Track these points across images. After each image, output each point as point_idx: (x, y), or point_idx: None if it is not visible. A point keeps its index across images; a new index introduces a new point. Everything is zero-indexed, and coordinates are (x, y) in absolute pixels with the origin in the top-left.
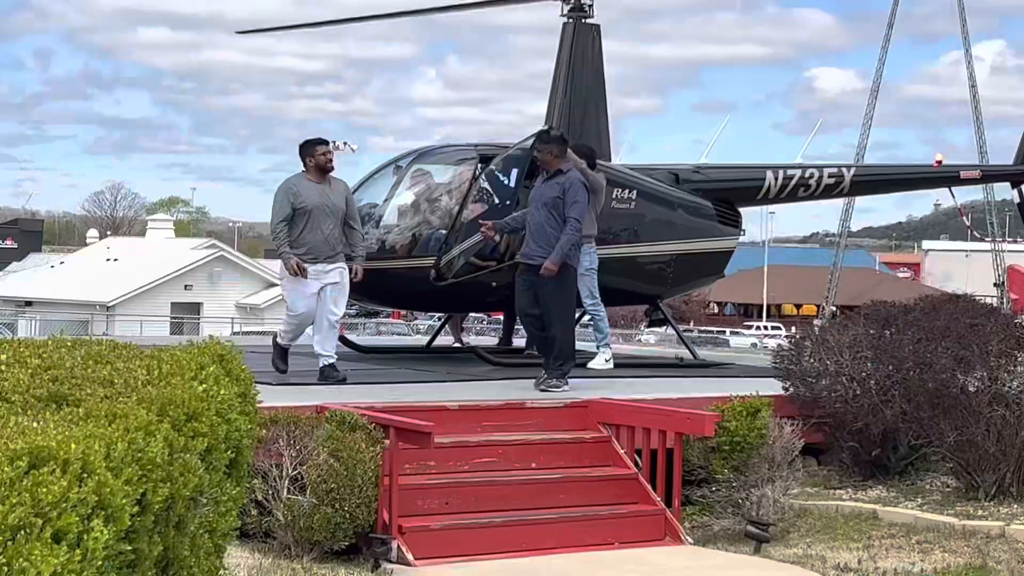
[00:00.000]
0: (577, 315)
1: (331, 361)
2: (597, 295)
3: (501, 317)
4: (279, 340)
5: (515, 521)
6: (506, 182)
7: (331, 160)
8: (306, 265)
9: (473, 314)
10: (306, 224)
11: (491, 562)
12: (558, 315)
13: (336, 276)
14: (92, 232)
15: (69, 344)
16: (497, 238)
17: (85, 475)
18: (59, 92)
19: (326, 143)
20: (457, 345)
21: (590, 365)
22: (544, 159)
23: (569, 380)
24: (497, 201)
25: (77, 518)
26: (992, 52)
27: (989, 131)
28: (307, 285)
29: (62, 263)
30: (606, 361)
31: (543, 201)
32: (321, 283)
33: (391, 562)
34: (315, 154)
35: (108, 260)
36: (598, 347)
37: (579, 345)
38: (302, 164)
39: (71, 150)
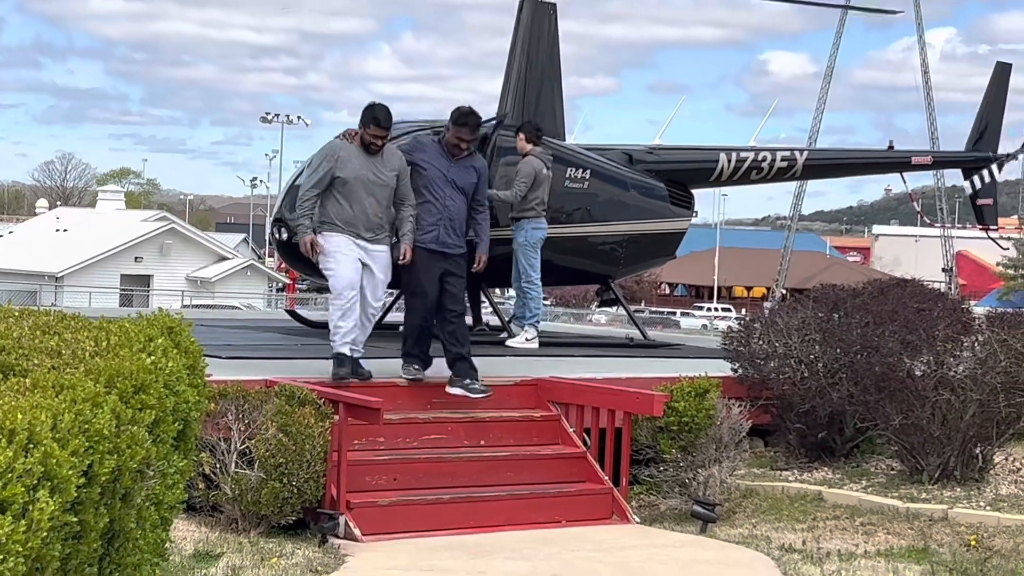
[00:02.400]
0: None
1: (358, 355)
2: (538, 271)
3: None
4: (334, 346)
5: (463, 498)
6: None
7: (377, 145)
8: (345, 236)
9: None
10: (344, 196)
11: (439, 538)
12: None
13: (377, 256)
14: (42, 202)
15: (16, 314)
16: None
17: (31, 446)
18: (9, 60)
19: (386, 128)
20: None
21: (510, 343)
22: (465, 141)
23: (520, 358)
24: None
25: (23, 489)
26: (942, 39)
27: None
28: (348, 251)
29: (11, 233)
30: (527, 340)
31: (463, 185)
32: (362, 257)
33: (339, 537)
34: (367, 129)
35: (58, 231)
36: (523, 325)
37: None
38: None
39: (21, 119)
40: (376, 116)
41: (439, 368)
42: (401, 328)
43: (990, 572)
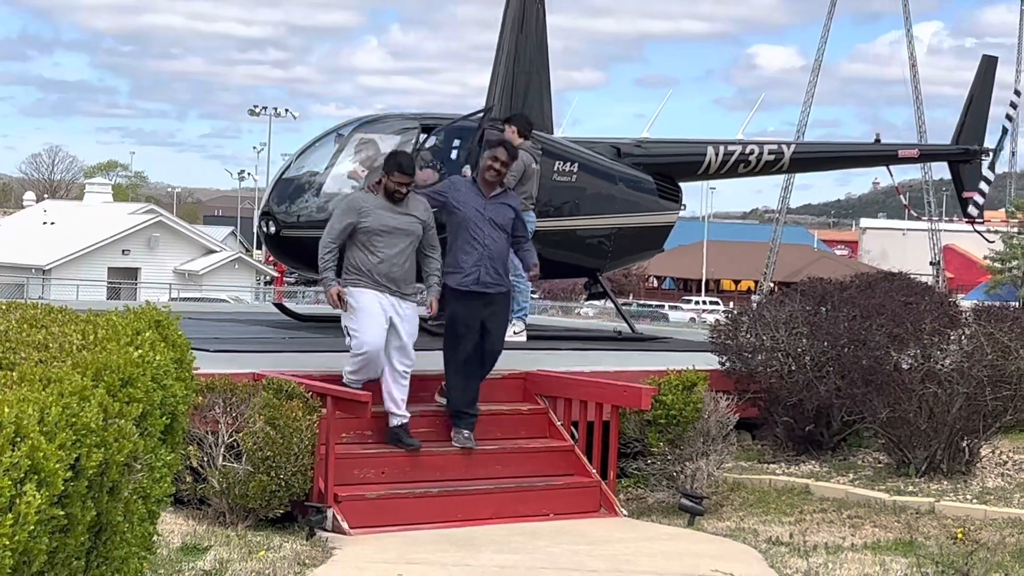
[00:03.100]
0: None
1: (403, 421)
2: None
3: None
4: (343, 381)
5: (451, 491)
6: (452, 155)
7: (401, 192)
8: (371, 291)
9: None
10: (369, 246)
11: (427, 531)
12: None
13: (404, 311)
14: (29, 195)
15: (3, 307)
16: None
17: (18, 439)
18: None
19: (409, 175)
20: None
21: None
22: (499, 161)
23: (507, 351)
24: (443, 172)
25: (9, 482)
26: (929, 33)
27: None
28: (371, 309)
29: None
30: (515, 333)
31: (501, 222)
32: (388, 313)
33: (326, 530)
34: (391, 176)
35: (45, 223)
36: (511, 318)
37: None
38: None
39: (8, 112)
40: (399, 163)
41: (429, 361)
42: (442, 385)
43: (976, 565)
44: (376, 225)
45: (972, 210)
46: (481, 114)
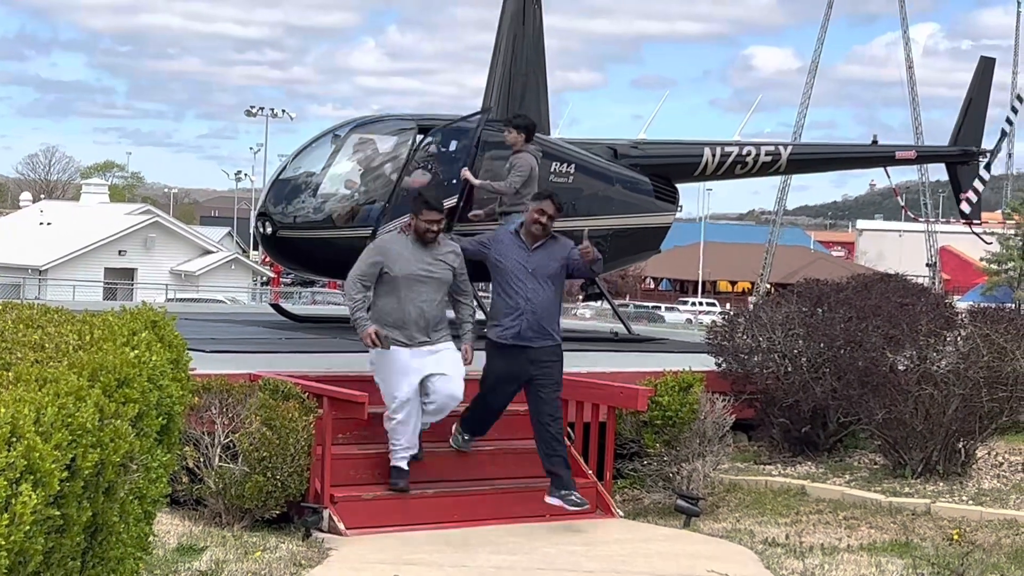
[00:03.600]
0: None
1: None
2: None
3: None
4: (393, 459)
5: (447, 492)
6: (450, 155)
7: (432, 231)
8: (400, 346)
9: None
10: (397, 294)
11: (423, 532)
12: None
13: (441, 358)
14: (25, 195)
15: (0, 307)
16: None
17: (14, 439)
18: None
19: (436, 210)
20: None
21: None
22: (545, 214)
23: None
24: (439, 173)
25: (5, 482)
26: (925, 35)
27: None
28: (402, 365)
29: None
30: None
31: (547, 274)
32: (422, 371)
33: (322, 531)
34: (420, 216)
35: (41, 224)
36: None
37: None
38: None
39: (5, 112)
40: (426, 200)
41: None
42: (457, 424)
43: (972, 566)
44: (403, 273)
45: (964, 207)
46: (479, 116)
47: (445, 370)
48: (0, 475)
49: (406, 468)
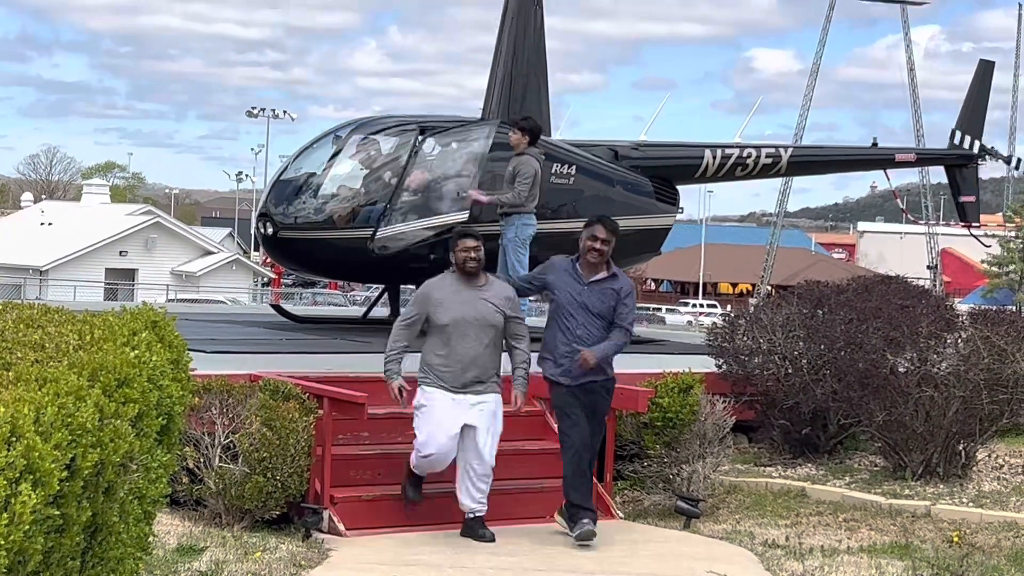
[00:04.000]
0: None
1: (479, 513)
2: (525, 268)
3: None
4: (411, 466)
5: (447, 493)
6: (449, 157)
7: (473, 260)
8: (443, 392)
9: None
10: (444, 341)
11: (423, 533)
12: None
13: (482, 412)
14: (27, 196)
15: (0, 308)
16: None
17: (14, 439)
18: None
19: (472, 237)
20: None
21: None
22: (599, 240)
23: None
24: (439, 174)
25: (4, 482)
26: (926, 37)
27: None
28: (440, 415)
29: None
30: None
31: (597, 312)
32: (460, 419)
33: (322, 532)
34: (457, 248)
35: (42, 224)
36: None
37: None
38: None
39: (6, 112)
40: (461, 233)
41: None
42: (561, 507)
43: (972, 568)
44: (448, 319)
45: (969, 215)
46: (489, 122)
47: (482, 428)
48: (0, 474)
49: (422, 476)
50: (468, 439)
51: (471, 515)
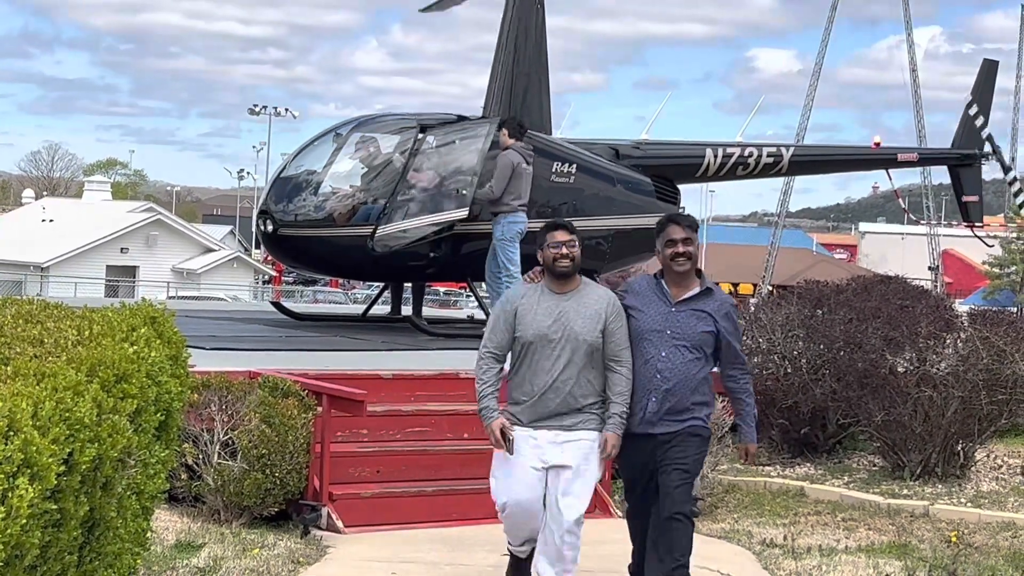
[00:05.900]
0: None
1: None
2: (517, 265)
3: (440, 287)
4: (510, 546)
5: (446, 491)
6: (450, 155)
7: (566, 257)
8: (516, 431)
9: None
10: (527, 362)
11: (421, 531)
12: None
13: (571, 454)
14: (28, 192)
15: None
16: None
17: (11, 433)
18: None
19: (564, 228)
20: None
21: None
22: (681, 243)
23: None
24: (439, 172)
25: (2, 476)
26: (927, 38)
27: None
28: (517, 469)
29: None
30: None
31: (691, 339)
32: (544, 462)
33: (321, 529)
34: (547, 243)
35: (44, 221)
36: None
37: None
38: None
39: (8, 109)
40: (554, 224)
41: (426, 361)
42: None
43: (970, 568)
44: (532, 336)
45: (972, 215)
46: (488, 120)
47: (571, 471)
48: None
49: (523, 558)
50: (558, 486)
51: None
